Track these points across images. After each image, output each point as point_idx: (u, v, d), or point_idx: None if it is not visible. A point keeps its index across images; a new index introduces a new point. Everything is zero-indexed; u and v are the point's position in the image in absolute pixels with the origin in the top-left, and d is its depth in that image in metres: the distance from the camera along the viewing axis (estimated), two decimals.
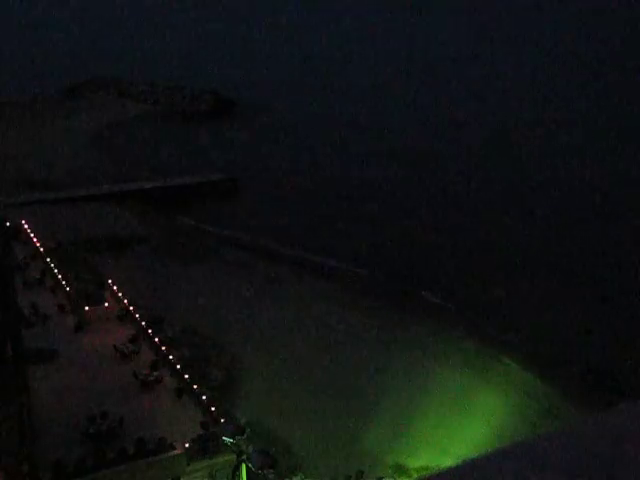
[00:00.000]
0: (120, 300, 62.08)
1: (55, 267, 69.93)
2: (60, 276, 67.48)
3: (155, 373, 49.80)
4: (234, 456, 35.18)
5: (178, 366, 50.35)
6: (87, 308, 60.10)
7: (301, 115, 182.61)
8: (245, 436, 33.63)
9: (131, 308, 60.28)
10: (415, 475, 45.22)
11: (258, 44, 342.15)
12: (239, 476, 35.42)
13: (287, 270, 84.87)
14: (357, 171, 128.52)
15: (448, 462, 44.09)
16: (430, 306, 74.37)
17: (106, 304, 61.48)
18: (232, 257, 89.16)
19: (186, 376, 48.93)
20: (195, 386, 47.85)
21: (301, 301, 74.72)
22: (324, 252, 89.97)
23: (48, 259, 72.30)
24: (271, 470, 31.85)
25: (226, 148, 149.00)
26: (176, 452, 40.76)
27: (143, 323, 57.59)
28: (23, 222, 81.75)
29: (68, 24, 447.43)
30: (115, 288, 64.27)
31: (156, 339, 54.75)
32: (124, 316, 59.59)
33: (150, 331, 56.07)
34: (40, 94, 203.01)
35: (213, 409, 45.02)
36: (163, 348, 53.20)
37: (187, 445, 41.00)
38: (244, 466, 34.45)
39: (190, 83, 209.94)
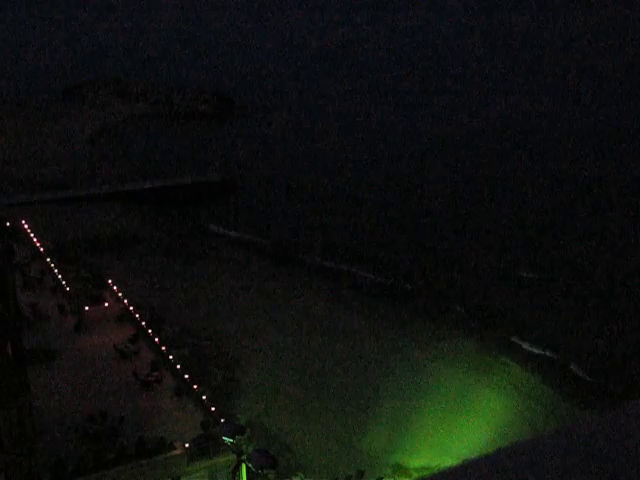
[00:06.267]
0: (120, 300, 62.09)
1: (55, 267, 69.94)
2: (60, 276, 67.49)
3: (155, 373, 49.80)
4: (234, 456, 35.19)
5: (178, 366, 50.34)
6: (87, 308, 60.12)
7: (301, 115, 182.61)
8: (245, 436, 33.63)
9: (131, 308, 60.28)
10: (415, 475, 45.20)
11: (258, 44, 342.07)
12: (239, 476, 35.41)
13: (287, 270, 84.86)
14: (357, 171, 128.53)
15: (448, 462, 44.09)
16: (431, 306, 74.32)
17: (106, 304, 61.50)
18: (232, 257, 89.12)
19: (186, 376, 48.92)
20: (195, 386, 47.84)
21: (301, 301, 74.69)
22: (324, 252, 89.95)
23: (48, 259, 72.31)
24: (271, 470, 31.85)
25: (226, 148, 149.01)
26: (176, 452, 40.75)
27: (143, 323, 57.59)
28: (23, 222, 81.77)
29: (68, 24, 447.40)
30: (115, 288, 64.28)
31: (156, 339, 54.74)
32: (124, 316, 59.60)
33: (150, 331, 56.06)
34: (40, 94, 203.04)
35: (213, 409, 45.01)
36: (163, 348, 53.20)
37: (187, 445, 40.99)
38: (244, 466, 34.45)
39: (190, 83, 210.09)
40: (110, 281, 66.08)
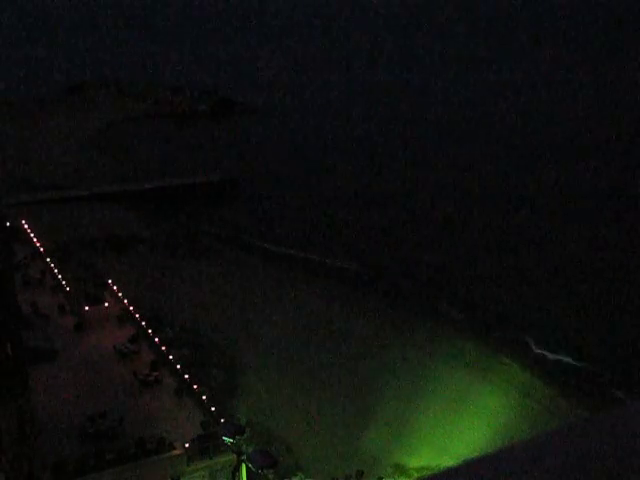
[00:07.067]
0: (120, 300, 62.05)
1: (55, 267, 69.92)
2: (60, 276, 67.47)
3: (155, 373, 49.76)
4: (234, 456, 35.19)
5: (178, 366, 50.32)
6: (87, 308, 60.09)
7: (301, 115, 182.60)
8: (245, 436, 33.63)
9: (131, 308, 60.25)
10: (415, 475, 45.20)
11: (258, 44, 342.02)
12: (239, 476, 35.43)
13: (287, 270, 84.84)
14: (357, 170, 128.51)
15: (448, 462, 44.08)
16: (430, 306, 74.31)
17: (106, 304, 61.46)
18: (232, 257, 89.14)
19: (186, 376, 48.89)
20: (195, 386, 47.81)
21: (301, 301, 74.70)
22: (323, 252, 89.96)
23: (48, 259, 72.29)
24: (271, 470, 31.86)
25: (226, 148, 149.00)
26: (176, 452, 40.72)
27: (143, 323, 57.55)
28: (23, 222, 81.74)
29: (69, 24, 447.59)
30: (115, 288, 64.24)
31: (156, 339, 54.71)
32: (124, 316, 59.56)
33: (150, 331, 56.03)
34: (40, 94, 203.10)
35: (213, 409, 44.99)
36: (163, 348, 53.17)
37: (187, 445, 40.96)
38: (244, 466, 34.47)
39: (190, 83, 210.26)
40: (110, 281, 66.03)
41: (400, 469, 46.31)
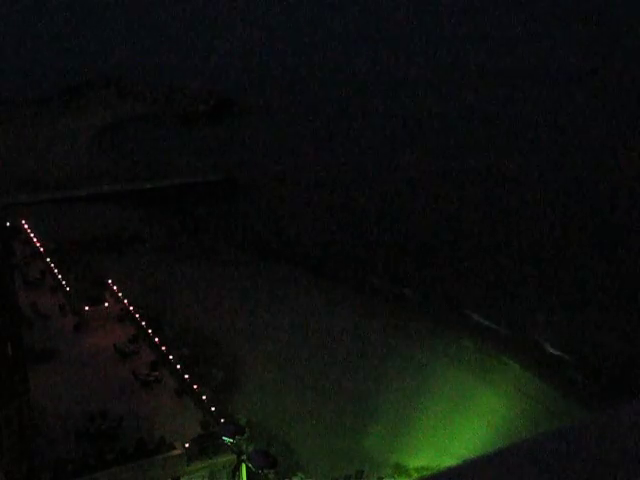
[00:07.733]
0: (120, 300, 62.06)
1: (55, 267, 69.93)
2: (60, 276, 67.48)
3: (155, 373, 49.76)
4: (234, 456, 35.19)
5: (178, 366, 50.31)
6: (87, 308, 60.10)
7: (301, 115, 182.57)
8: (245, 436, 33.63)
9: (131, 308, 60.25)
10: (415, 475, 45.20)
11: (258, 44, 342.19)
12: (239, 476, 35.44)
13: (286, 270, 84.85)
14: (356, 170, 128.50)
15: (448, 462, 44.08)
16: (430, 306, 74.32)
17: (106, 304, 61.46)
18: (232, 257, 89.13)
19: (186, 376, 48.88)
20: (195, 386, 47.81)
21: (301, 301, 74.70)
22: (323, 252, 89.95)
23: (48, 259, 72.31)
24: (271, 470, 31.87)
25: (226, 148, 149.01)
26: (176, 452, 40.71)
27: (143, 323, 57.55)
28: (23, 222, 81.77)
29: (69, 24, 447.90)
30: (115, 288, 64.25)
31: (156, 339, 54.71)
32: (124, 316, 59.57)
33: (150, 331, 56.03)
34: (40, 94, 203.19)
35: (213, 409, 44.98)
36: (163, 348, 53.17)
37: (187, 445, 40.96)
38: (244, 466, 34.47)
39: (190, 83, 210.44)
40: (110, 281, 66.04)
41: (400, 469, 46.31)
